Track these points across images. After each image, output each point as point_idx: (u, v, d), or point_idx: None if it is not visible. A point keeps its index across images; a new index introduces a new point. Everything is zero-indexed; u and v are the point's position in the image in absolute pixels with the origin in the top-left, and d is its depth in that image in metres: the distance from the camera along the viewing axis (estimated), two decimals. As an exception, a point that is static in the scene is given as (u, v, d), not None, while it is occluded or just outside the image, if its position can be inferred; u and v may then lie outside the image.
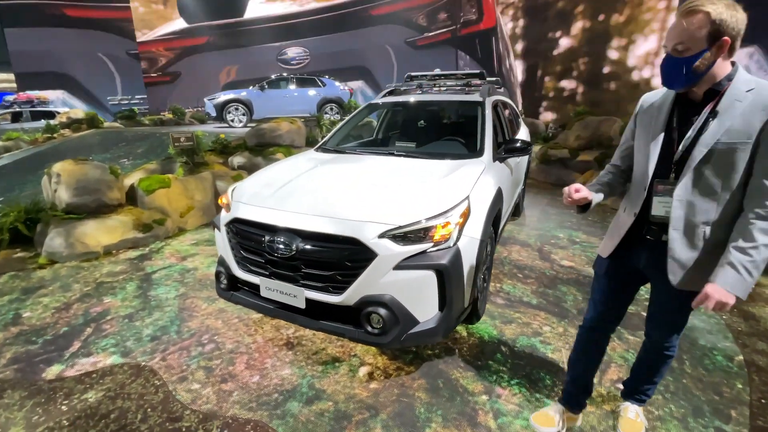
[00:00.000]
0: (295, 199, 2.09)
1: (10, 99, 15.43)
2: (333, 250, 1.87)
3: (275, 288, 2.00)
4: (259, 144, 6.16)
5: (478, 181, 2.24)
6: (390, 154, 2.83)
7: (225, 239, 2.21)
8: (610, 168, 1.58)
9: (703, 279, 1.28)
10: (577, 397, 1.71)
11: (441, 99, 3.49)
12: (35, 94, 15.69)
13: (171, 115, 13.06)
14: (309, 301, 1.94)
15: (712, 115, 1.20)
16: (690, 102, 1.27)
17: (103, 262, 3.55)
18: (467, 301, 2.08)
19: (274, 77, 10.84)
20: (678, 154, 1.26)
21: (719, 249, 1.24)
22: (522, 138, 3.75)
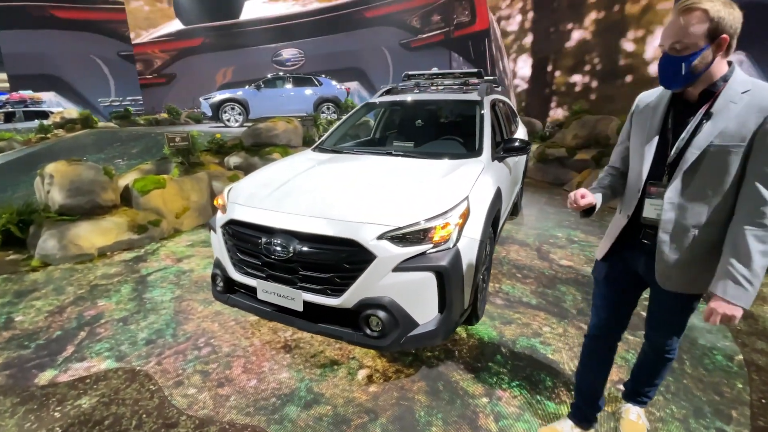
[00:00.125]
0: (292, 200, 2.06)
1: (2, 99, 15.26)
2: (331, 252, 1.84)
3: (272, 291, 1.97)
4: (256, 144, 6.11)
5: (477, 181, 2.22)
6: (388, 153, 2.80)
7: (221, 241, 2.18)
8: (609, 170, 1.56)
9: (697, 282, 1.27)
10: (586, 411, 1.65)
11: (439, 98, 3.47)
12: (28, 94, 15.51)
13: (166, 115, 12.96)
14: (307, 304, 1.91)
15: (706, 117, 1.17)
16: (685, 103, 1.25)
17: (98, 264, 3.50)
18: (467, 303, 2.05)
19: (270, 76, 10.78)
20: (671, 156, 1.24)
21: (709, 252, 1.22)
22: (520, 137, 3.73)
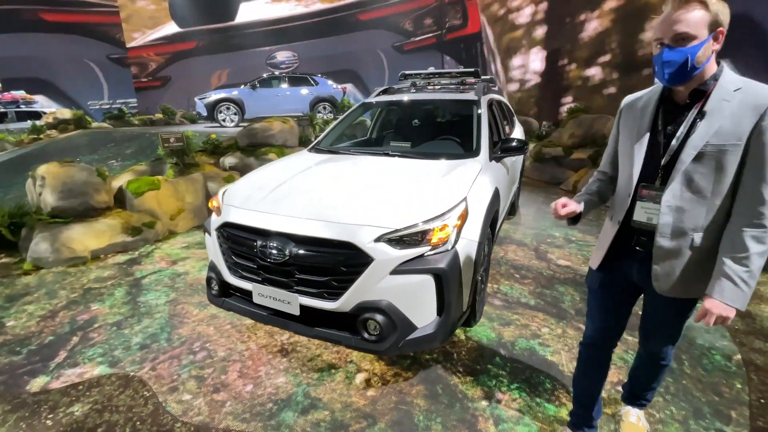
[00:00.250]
0: (288, 203, 2.03)
1: None
2: (328, 255, 1.81)
3: (268, 294, 1.94)
4: (251, 144, 6.06)
5: (475, 182, 2.20)
6: (385, 154, 2.78)
7: (216, 244, 2.15)
8: (598, 175, 1.54)
9: (693, 287, 1.25)
10: (586, 418, 1.62)
11: (436, 98, 3.44)
12: (20, 94, 15.31)
13: (161, 115, 12.85)
14: (303, 308, 1.88)
15: (699, 116, 1.15)
16: (675, 104, 1.23)
17: (91, 267, 3.45)
18: (466, 305, 2.04)
19: (266, 76, 10.71)
20: (666, 157, 1.22)
21: (707, 256, 1.20)
22: (517, 137, 3.72)
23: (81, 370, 2.15)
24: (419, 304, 1.82)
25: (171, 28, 19.37)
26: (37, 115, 12.73)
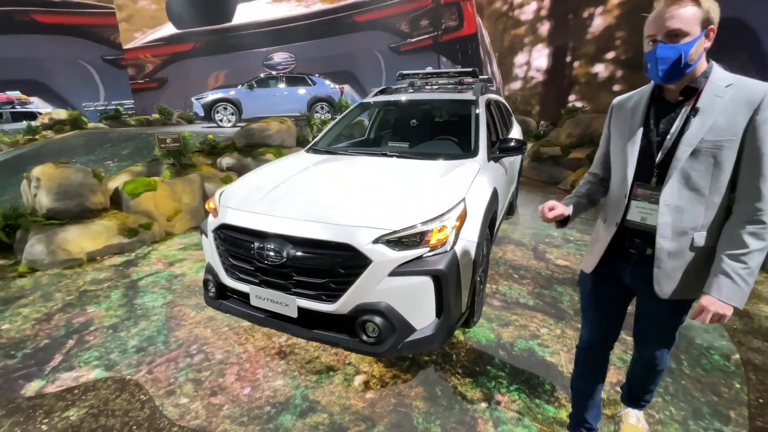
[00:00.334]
0: (286, 204, 2.01)
1: None
2: (326, 256, 1.80)
3: (266, 297, 1.92)
4: (249, 144, 6.04)
5: (473, 182, 2.19)
6: (383, 154, 2.77)
7: (212, 246, 2.13)
8: (588, 177, 1.53)
9: (692, 288, 1.22)
10: (585, 422, 1.61)
11: (434, 98, 3.43)
12: (15, 94, 15.20)
13: (158, 116, 12.79)
14: (301, 310, 1.87)
15: (693, 113, 1.15)
16: (666, 102, 1.23)
17: (87, 269, 3.43)
18: (464, 306, 2.03)
19: (263, 76, 10.67)
20: (660, 155, 1.20)
21: (709, 256, 1.18)
22: (515, 137, 3.71)
23: (77, 373, 2.13)
24: (418, 305, 1.81)
25: (168, 29, 19.31)
26: (33, 116, 12.65)
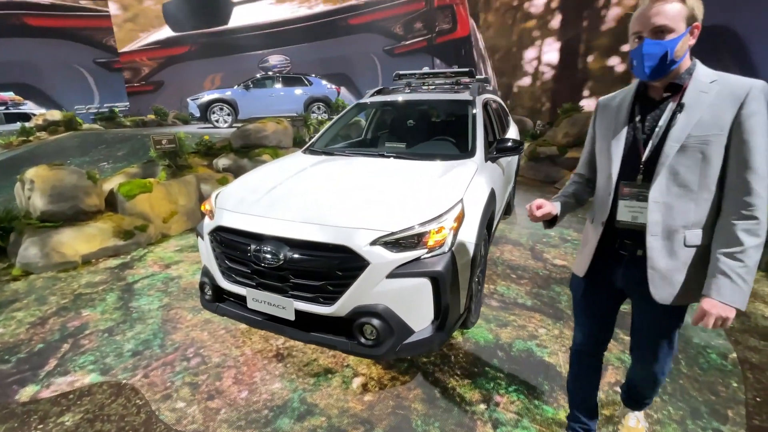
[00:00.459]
0: (283, 206, 2.00)
1: None
2: (323, 258, 1.79)
3: (263, 299, 1.91)
4: (245, 145, 6.01)
5: (471, 183, 2.18)
6: (380, 155, 2.76)
7: (209, 248, 2.11)
8: (574, 177, 1.52)
9: (689, 292, 1.20)
10: (582, 423, 1.59)
11: (430, 98, 3.43)
12: (9, 95, 15.05)
13: (153, 116, 12.71)
14: (299, 313, 1.85)
15: (678, 109, 1.15)
16: (650, 99, 1.23)
17: (82, 272, 3.39)
18: (463, 307, 2.02)
19: (259, 76, 10.63)
20: (647, 152, 1.19)
21: (702, 257, 1.17)
22: (512, 137, 3.71)
23: (72, 378, 2.11)
24: (416, 307, 1.80)
25: (164, 32, 19.26)
26: (27, 117, 12.53)
